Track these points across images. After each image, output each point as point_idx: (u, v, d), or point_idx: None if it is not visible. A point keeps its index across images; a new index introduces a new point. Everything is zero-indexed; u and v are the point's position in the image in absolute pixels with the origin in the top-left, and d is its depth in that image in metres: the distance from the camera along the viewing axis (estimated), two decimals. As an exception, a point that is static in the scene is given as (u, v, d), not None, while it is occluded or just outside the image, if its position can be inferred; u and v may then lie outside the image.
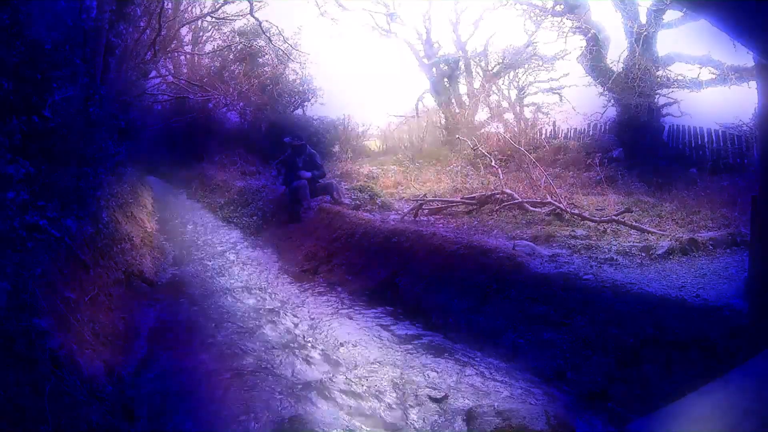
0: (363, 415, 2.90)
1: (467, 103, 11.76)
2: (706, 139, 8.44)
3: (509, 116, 11.84)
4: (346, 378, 3.28)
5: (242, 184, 9.73)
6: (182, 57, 14.50)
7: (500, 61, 11.52)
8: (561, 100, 11.23)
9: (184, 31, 13.00)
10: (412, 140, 11.65)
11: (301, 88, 12.72)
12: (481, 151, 8.11)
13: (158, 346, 3.70)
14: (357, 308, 4.66)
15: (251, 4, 10.28)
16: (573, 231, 5.20)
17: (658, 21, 8.15)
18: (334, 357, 3.59)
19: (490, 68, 11.85)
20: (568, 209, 5.71)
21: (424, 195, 7.31)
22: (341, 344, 3.82)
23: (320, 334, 4.01)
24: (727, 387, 0.89)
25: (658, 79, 8.36)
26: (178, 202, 10.69)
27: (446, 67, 11.87)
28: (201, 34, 14.50)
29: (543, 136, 10.66)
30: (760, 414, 0.77)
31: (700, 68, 8.10)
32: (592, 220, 5.41)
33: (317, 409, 2.93)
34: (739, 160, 7.93)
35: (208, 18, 12.79)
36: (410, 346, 3.81)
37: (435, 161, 9.98)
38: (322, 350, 3.70)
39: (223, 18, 12.41)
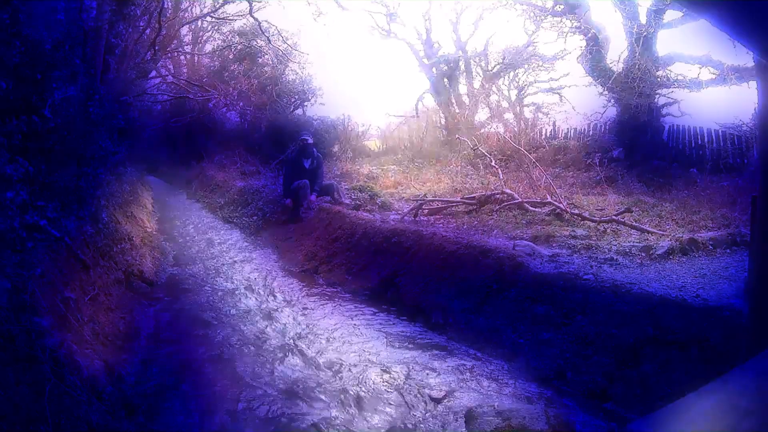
0: (362, 414, 2.90)
1: (467, 103, 11.77)
2: (706, 139, 8.43)
3: (509, 116, 11.85)
4: (346, 378, 3.28)
5: (242, 184, 9.73)
6: (182, 57, 14.53)
7: (500, 61, 11.53)
8: (561, 100, 11.23)
9: (184, 31, 13.03)
10: (412, 140, 11.65)
11: (300, 88, 12.73)
12: (481, 151, 8.11)
13: (157, 346, 3.70)
14: (357, 308, 4.66)
15: (251, 4, 10.29)
16: (573, 231, 5.20)
17: (658, 21, 8.16)
18: (334, 356, 3.59)
19: (490, 68, 11.85)
20: (568, 209, 5.71)
21: (424, 195, 7.31)
22: (341, 344, 3.82)
23: (320, 333, 4.01)
24: (727, 387, 0.88)
25: (658, 79, 8.35)
26: (178, 202, 10.70)
27: (446, 67, 11.87)
28: (201, 34, 14.52)
29: (543, 136, 10.65)
30: (760, 414, 0.76)
31: (700, 68, 8.09)
32: (592, 220, 5.41)
33: (316, 408, 2.93)
34: (739, 160, 7.92)
35: (208, 18, 12.80)
36: (410, 346, 3.81)
37: (435, 161, 9.98)
38: (322, 350, 3.70)
39: (223, 18, 12.42)
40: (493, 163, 7.45)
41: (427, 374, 3.34)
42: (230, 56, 13.26)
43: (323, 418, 2.83)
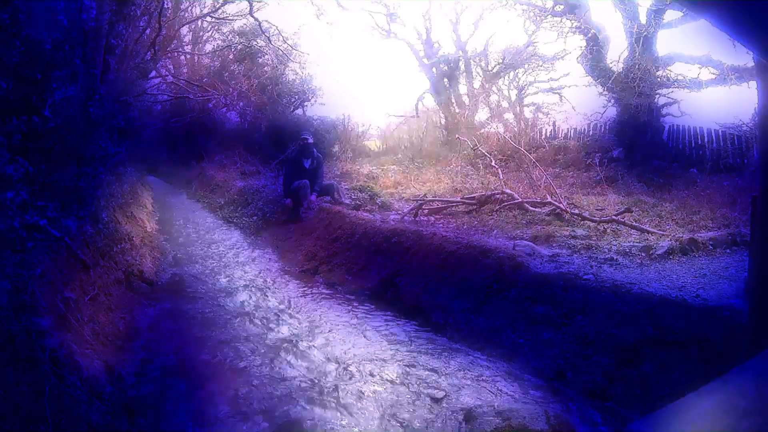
0: (362, 414, 2.90)
1: (467, 103, 11.77)
2: (706, 139, 8.43)
3: (509, 116, 11.87)
4: (345, 378, 3.28)
5: (242, 184, 9.73)
6: (182, 57, 14.52)
7: (500, 61, 11.54)
8: (561, 100, 11.26)
9: (184, 31, 13.03)
10: (412, 140, 11.66)
11: (300, 88, 12.74)
12: (481, 151, 8.12)
13: (158, 346, 3.70)
14: (357, 308, 4.66)
15: (251, 4, 10.31)
16: (573, 231, 5.20)
17: (658, 21, 8.16)
18: (333, 356, 3.59)
19: (490, 68, 11.86)
20: (568, 209, 5.71)
21: (424, 195, 7.31)
22: (340, 344, 3.82)
23: (320, 334, 4.01)
24: (727, 387, 0.88)
25: (658, 79, 8.36)
26: (178, 202, 10.69)
27: (446, 67, 11.88)
28: (201, 34, 14.53)
29: (543, 136, 10.67)
30: (760, 414, 0.76)
31: (700, 68, 8.11)
32: (592, 220, 5.41)
33: (316, 409, 2.93)
34: (739, 160, 7.93)
35: (208, 18, 12.81)
36: (410, 346, 3.81)
37: (435, 161, 9.98)
38: (322, 350, 3.70)
39: (223, 18, 12.43)
40: (493, 163, 7.44)
41: (427, 374, 3.33)
42: (230, 56, 13.27)
43: (322, 419, 2.83)
